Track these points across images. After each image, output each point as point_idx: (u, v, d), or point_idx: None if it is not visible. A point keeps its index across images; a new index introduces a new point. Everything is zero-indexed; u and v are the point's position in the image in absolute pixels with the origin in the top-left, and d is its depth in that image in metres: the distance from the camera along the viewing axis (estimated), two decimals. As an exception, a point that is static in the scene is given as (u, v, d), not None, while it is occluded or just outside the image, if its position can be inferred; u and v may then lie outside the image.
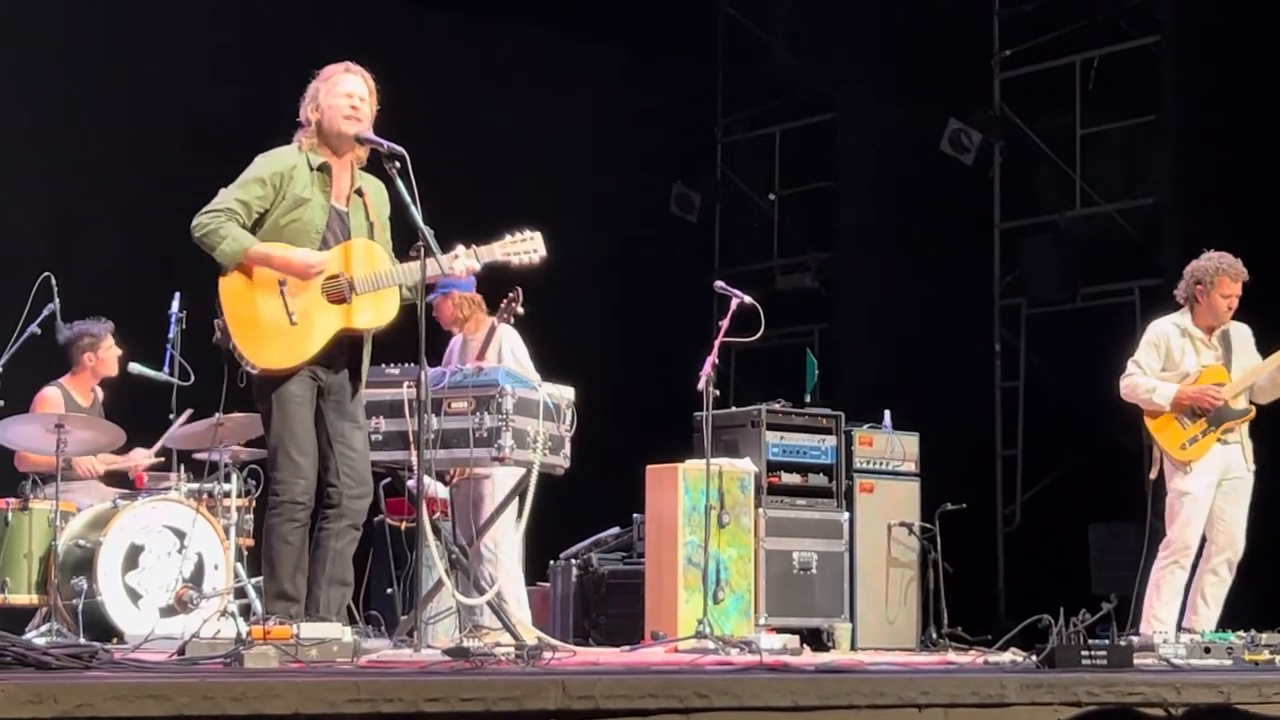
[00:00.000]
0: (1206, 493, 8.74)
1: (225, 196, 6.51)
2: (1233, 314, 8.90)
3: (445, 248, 6.57)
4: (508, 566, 8.69)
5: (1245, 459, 8.84)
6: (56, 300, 8.30)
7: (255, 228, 6.52)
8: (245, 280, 6.48)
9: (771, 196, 15.52)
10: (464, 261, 6.68)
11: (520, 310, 8.40)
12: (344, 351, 6.61)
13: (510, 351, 8.94)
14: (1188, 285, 8.95)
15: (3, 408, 8.19)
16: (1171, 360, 8.93)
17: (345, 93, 6.59)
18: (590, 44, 13.89)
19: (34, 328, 8.36)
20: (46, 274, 8.26)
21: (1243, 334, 9.00)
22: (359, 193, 6.67)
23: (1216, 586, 8.74)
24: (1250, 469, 8.83)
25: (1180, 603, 8.70)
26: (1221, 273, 8.84)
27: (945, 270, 13.42)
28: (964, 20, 13.67)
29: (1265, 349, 8.88)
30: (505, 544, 8.60)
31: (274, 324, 6.47)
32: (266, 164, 6.57)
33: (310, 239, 6.52)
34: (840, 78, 14.49)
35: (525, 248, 6.91)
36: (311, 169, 6.56)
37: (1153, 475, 8.95)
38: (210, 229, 6.43)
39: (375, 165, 6.63)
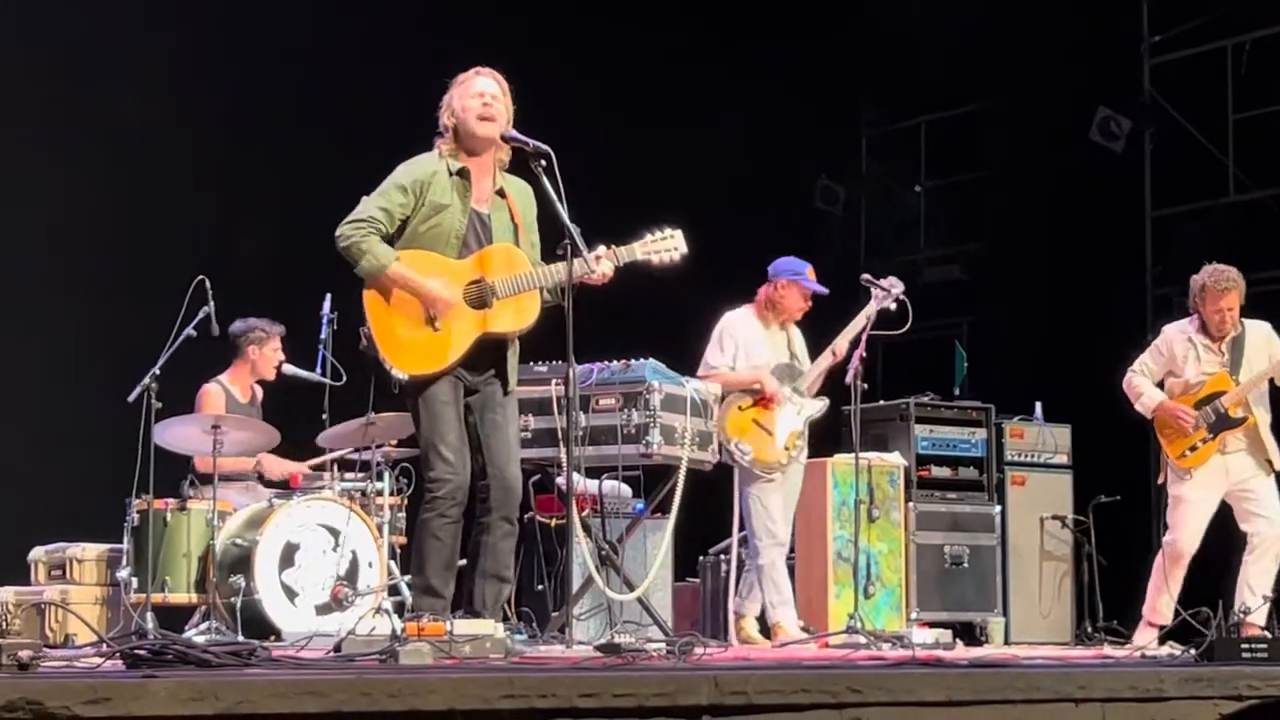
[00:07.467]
0: (1203, 501, 8.60)
1: (367, 205, 6.60)
2: (1231, 324, 8.62)
3: (591, 247, 6.58)
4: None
5: (1257, 464, 8.61)
6: (211, 303, 8.39)
7: (396, 235, 6.61)
8: (389, 289, 6.57)
9: (918, 188, 15.40)
10: (606, 264, 6.68)
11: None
12: (489, 353, 6.66)
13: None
14: (1190, 295, 8.76)
15: (161, 410, 8.29)
16: (1176, 365, 8.79)
17: (477, 92, 6.65)
18: (736, 38, 13.84)
19: (190, 330, 8.45)
20: (201, 277, 8.36)
21: (1259, 335, 8.71)
22: (501, 194, 6.72)
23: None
24: (1269, 473, 8.60)
25: (1166, 596, 8.67)
26: (1206, 290, 8.61)
27: (1095, 259, 13.23)
28: (1112, 6, 13.49)
29: None
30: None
31: (417, 331, 6.56)
32: (406, 171, 6.65)
33: (449, 245, 6.59)
34: (986, 67, 14.33)
35: (666, 246, 6.88)
36: (451, 174, 6.62)
37: (1161, 480, 8.83)
38: (353, 241, 6.53)
39: (519, 167, 6.68)
